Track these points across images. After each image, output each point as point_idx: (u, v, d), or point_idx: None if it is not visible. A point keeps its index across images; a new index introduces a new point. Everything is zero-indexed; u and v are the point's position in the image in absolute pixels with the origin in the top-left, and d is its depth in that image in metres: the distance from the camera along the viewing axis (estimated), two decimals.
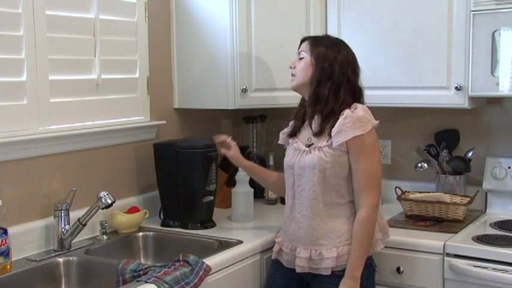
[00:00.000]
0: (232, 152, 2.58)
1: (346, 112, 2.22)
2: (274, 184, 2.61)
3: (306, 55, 2.31)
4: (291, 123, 2.45)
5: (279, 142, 2.52)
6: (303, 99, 2.39)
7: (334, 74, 2.26)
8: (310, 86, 2.29)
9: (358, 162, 2.22)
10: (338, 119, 2.22)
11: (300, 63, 2.33)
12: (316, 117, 2.29)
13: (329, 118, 2.25)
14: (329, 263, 2.23)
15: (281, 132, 2.50)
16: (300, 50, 2.35)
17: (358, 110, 2.23)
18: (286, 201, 2.40)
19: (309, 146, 2.30)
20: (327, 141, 2.24)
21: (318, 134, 2.27)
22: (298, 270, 2.31)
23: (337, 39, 2.39)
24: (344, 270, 2.23)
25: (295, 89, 2.37)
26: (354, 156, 2.22)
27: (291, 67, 2.36)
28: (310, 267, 2.29)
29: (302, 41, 2.38)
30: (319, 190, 2.25)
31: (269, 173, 2.69)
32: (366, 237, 2.22)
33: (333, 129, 2.22)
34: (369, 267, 2.29)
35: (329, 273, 2.24)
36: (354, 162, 2.23)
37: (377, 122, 2.25)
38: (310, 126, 2.30)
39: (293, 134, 2.40)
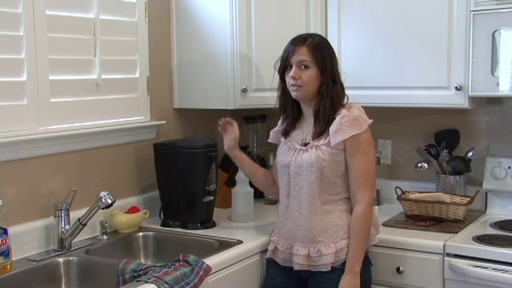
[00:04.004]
0: (233, 136, 2.55)
1: (343, 112, 2.26)
2: (263, 178, 2.60)
3: (311, 65, 2.27)
4: (280, 122, 2.47)
5: (269, 141, 2.54)
6: (289, 98, 2.36)
7: (337, 80, 2.32)
8: (317, 95, 2.30)
9: (354, 160, 2.25)
10: (335, 118, 2.26)
11: (305, 73, 2.27)
12: (320, 118, 2.29)
13: (329, 118, 2.28)
14: (328, 258, 2.25)
15: (271, 131, 2.52)
16: (300, 58, 2.27)
17: (354, 110, 2.27)
18: (281, 200, 2.42)
19: (305, 144, 2.32)
20: (324, 140, 2.27)
21: (319, 134, 2.29)
22: (296, 268, 2.32)
23: (321, 37, 2.41)
24: (342, 264, 2.26)
25: (302, 99, 2.34)
26: (350, 154, 2.25)
27: (295, 77, 2.27)
28: (308, 264, 2.30)
29: (295, 45, 2.30)
30: (317, 188, 2.27)
31: (258, 167, 2.65)
32: (363, 232, 2.26)
33: (331, 128, 2.25)
34: (365, 261, 2.31)
35: (329, 269, 2.26)
36: (350, 160, 2.26)
37: (371, 120, 2.30)
38: (316, 129, 2.30)
39: (285, 133, 2.41)
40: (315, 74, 2.28)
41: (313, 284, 2.33)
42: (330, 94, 2.28)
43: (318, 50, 2.29)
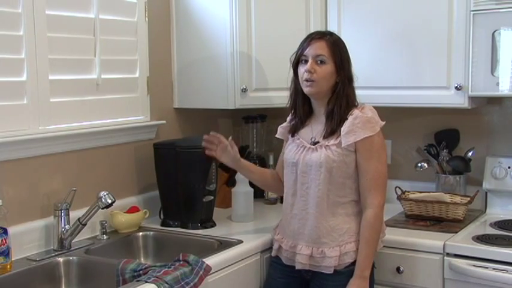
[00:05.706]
0: (227, 148, 2.46)
1: (356, 112, 2.23)
2: (272, 180, 2.54)
3: (328, 60, 2.24)
4: (289, 118, 2.43)
5: (277, 136, 2.49)
6: (300, 94, 2.33)
7: (353, 79, 2.29)
8: (329, 93, 2.28)
9: (366, 163, 2.22)
10: (347, 118, 2.23)
11: (321, 68, 2.24)
12: (332, 118, 2.26)
13: (342, 118, 2.25)
14: (332, 261, 2.23)
15: (280, 127, 2.48)
16: (317, 52, 2.24)
17: (367, 111, 2.24)
18: (285, 198, 2.39)
19: (315, 143, 2.30)
20: (335, 140, 2.24)
21: (330, 134, 2.26)
22: (298, 266, 2.31)
23: (338, 36, 2.37)
24: (346, 267, 2.24)
25: (314, 95, 2.30)
26: (362, 156, 2.22)
27: (310, 71, 2.23)
28: (310, 264, 2.29)
29: (313, 38, 2.27)
30: (325, 188, 2.25)
31: (264, 171, 2.66)
32: (373, 236, 2.24)
33: (343, 129, 2.22)
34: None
35: (331, 271, 2.24)
36: (362, 163, 2.23)
37: (383, 122, 2.27)
38: (328, 128, 2.26)
39: (294, 130, 2.39)
40: (330, 70, 2.24)
41: (315, 286, 2.32)
42: (346, 93, 2.25)
43: (336, 46, 2.27)
